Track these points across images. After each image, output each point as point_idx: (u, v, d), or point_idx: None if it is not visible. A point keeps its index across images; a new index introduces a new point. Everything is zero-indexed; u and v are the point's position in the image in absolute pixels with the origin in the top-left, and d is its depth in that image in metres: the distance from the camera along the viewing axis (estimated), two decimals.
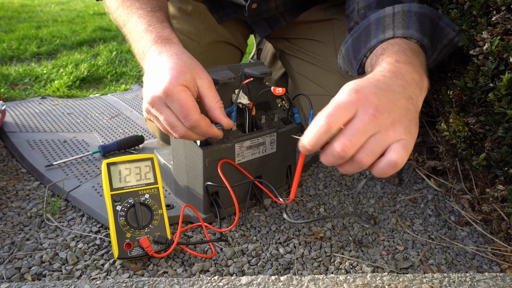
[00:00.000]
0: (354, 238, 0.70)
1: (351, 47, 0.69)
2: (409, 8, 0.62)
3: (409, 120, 0.49)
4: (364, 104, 0.47)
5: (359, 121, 0.46)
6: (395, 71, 0.52)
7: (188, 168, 0.70)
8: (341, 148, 0.45)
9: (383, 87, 0.49)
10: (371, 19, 0.66)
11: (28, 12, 3.25)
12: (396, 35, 0.60)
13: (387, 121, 0.47)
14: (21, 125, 1.12)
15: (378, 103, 0.47)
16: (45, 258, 0.62)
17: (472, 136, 0.65)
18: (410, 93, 0.51)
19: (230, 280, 0.53)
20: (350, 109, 0.46)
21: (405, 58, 0.55)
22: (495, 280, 0.53)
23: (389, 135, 0.47)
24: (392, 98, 0.49)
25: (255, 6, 0.87)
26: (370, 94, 0.47)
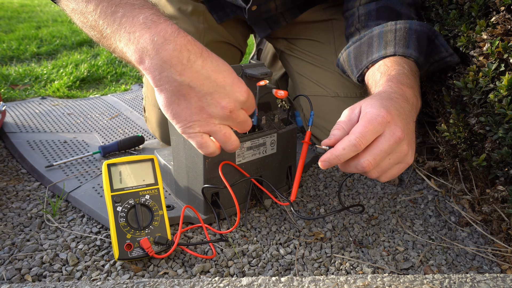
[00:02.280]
0: (354, 239, 0.70)
1: (353, 54, 0.71)
2: (410, 25, 0.67)
3: (413, 141, 0.55)
4: (391, 126, 0.51)
5: (386, 142, 0.51)
6: (402, 94, 0.57)
7: (188, 169, 0.70)
8: (366, 165, 0.51)
9: (401, 110, 0.54)
10: (374, 31, 0.70)
11: (28, 12, 3.25)
12: (397, 53, 0.65)
13: (404, 144, 0.52)
14: (21, 126, 1.12)
15: (402, 126, 0.52)
16: (46, 259, 0.62)
17: (472, 137, 0.65)
18: (413, 117, 0.57)
19: (231, 281, 0.53)
20: (379, 130, 0.51)
21: (408, 82, 0.60)
22: (496, 281, 0.53)
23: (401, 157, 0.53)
24: (407, 121, 0.54)
25: (255, 8, 0.87)
26: (396, 116, 0.52)
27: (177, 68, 0.47)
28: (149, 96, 0.98)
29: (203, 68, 0.48)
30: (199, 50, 0.49)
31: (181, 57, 0.47)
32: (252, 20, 0.95)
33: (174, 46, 0.47)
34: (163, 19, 0.50)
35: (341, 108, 0.60)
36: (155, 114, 0.96)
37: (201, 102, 0.49)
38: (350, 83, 0.89)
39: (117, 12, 0.50)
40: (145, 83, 1.01)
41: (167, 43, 0.47)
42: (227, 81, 0.49)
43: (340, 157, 0.51)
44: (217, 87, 0.49)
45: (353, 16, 0.77)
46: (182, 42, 0.48)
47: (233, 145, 0.54)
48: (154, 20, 0.49)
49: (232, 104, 0.50)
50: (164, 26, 0.48)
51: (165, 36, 0.47)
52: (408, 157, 0.53)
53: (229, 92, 0.49)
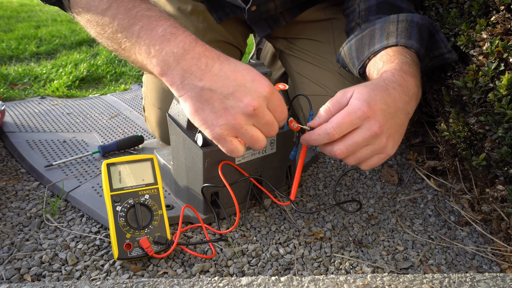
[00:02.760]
0: (354, 239, 0.70)
1: (354, 46, 0.71)
2: (412, 18, 0.67)
3: (400, 134, 0.57)
4: (370, 120, 0.53)
5: (361, 135, 0.53)
6: (403, 84, 0.57)
7: (188, 168, 0.70)
8: (338, 153, 0.54)
9: (390, 104, 0.55)
10: (376, 23, 0.70)
11: (27, 11, 3.24)
12: (399, 44, 0.65)
13: (383, 137, 0.54)
14: (21, 125, 1.12)
15: (383, 121, 0.53)
16: (45, 259, 0.62)
17: (472, 136, 0.65)
18: (409, 108, 0.58)
19: (230, 280, 0.53)
20: (357, 123, 0.53)
21: (411, 71, 0.60)
22: (495, 280, 0.53)
23: (379, 149, 0.55)
24: (394, 115, 0.55)
25: (255, 8, 0.87)
26: (379, 111, 0.53)
27: (196, 74, 0.50)
28: (149, 96, 0.98)
29: (221, 71, 0.50)
30: (216, 55, 0.51)
31: (199, 64, 0.50)
32: (251, 20, 0.95)
33: (192, 54, 0.50)
34: (181, 30, 0.52)
35: None
36: (155, 114, 0.96)
37: (224, 103, 0.50)
38: (350, 82, 0.89)
39: (134, 24, 0.52)
40: (144, 82, 1.01)
41: (186, 53, 0.50)
42: (246, 78, 0.50)
43: (315, 141, 0.55)
44: (237, 85, 0.49)
45: (353, 12, 0.78)
46: (200, 50, 0.50)
47: (260, 146, 0.54)
48: (173, 33, 0.51)
49: (256, 101, 0.49)
50: (183, 38, 0.51)
51: (184, 47, 0.50)
52: (388, 148, 0.55)
53: (251, 89, 0.50)
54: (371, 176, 0.92)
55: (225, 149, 0.53)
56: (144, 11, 0.53)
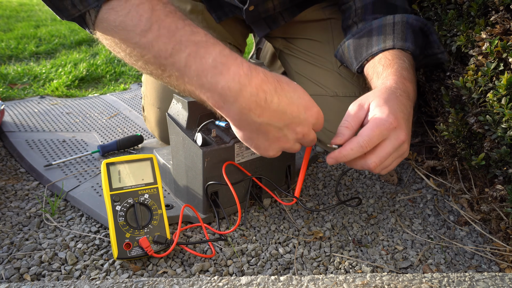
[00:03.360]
0: (353, 238, 0.70)
1: (352, 46, 0.72)
2: (407, 19, 0.70)
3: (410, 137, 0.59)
4: (397, 130, 0.55)
5: (391, 145, 0.55)
6: (405, 90, 0.61)
7: (187, 168, 0.70)
8: (373, 166, 0.55)
9: (404, 111, 0.58)
10: (373, 25, 0.72)
11: (27, 11, 3.24)
12: (396, 46, 0.68)
13: (405, 144, 0.57)
14: (20, 125, 1.12)
15: (407, 130, 0.57)
16: (44, 258, 0.62)
17: (471, 136, 0.65)
18: (412, 112, 0.61)
19: (230, 280, 0.53)
20: (386, 135, 0.55)
21: (409, 76, 0.64)
22: (494, 279, 0.53)
23: (401, 154, 0.58)
24: (408, 121, 0.58)
25: (252, 8, 0.87)
26: (402, 120, 0.56)
27: (256, 112, 0.49)
28: (148, 96, 0.98)
29: (279, 106, 0.50)
30: (273, 86, 0.50)
31: (258, 100, 0.48)
32: (250, 20, 0.95)
33: (250, 90, 0.48)
34: (232, 58, 0.49)
35: (340, 108, 0.61)
36: (154, 114, 0.96)
37: (278, 134, 0.53)
38: (349, 82, 0.89)
39: (181, 51, 0.48)
40: (144, 82, 1.01)
41: (244, 88, 0.47)
42: (300, 110, 0.52)
43: (347, 156, 0.55)
44: (292, 118, 0.52)
45: (349, 9, 0.79)
46: (257, 83, 0.48)
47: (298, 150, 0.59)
48: (224, 63, 0.48)
49: (306, 129, 0.54)
50: (236, 69, 0.48)
51: (240, 81, 0.47)
52: (407, 152, 0.59)
53: (303, 120, 0.53)
54: (371, 175, 0.92)
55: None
56: (189, 35, 0.49)
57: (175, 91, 0.54)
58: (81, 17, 0.52)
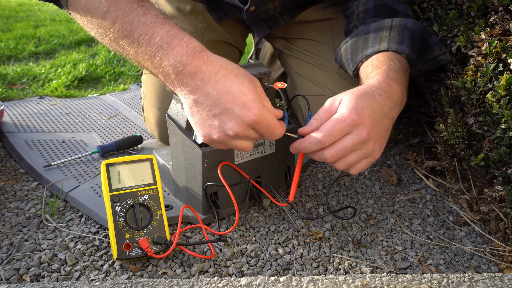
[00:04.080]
0: (353, 239, 0.70)
1: (350, 49, 0.73)
2: (405, 23, 0.70)
3: (384, 139, 0.60)
4: (359, 127, 0.55)
5: (350, 141, 0.55)
6: (388, 91, 0.60)
7: (187, 168, 0.70)
8: (329, 157, 0.56)
9: (377, 109, 0.57)
10: (371, 27, 0.72)
11: (26, 11, 3.24)
12: (390, 49, 0.68)
13: (370, 142, 0.56)
14: (19, 125, 1.12)
15: (371, 127, 0.56)
16: (44, 259, 0.62)
17: (471, 137, 0.65)
18: (393, 114, 0.61)
19: (230, 281, 0.53)
20: (346, 130, 0.55)
21: (397, 77, 0.63)
22: (494, 280, 0.53)
23: (367, 153, 0.57)
24: (380, 121, 0.58)
25: (253, 8, 0.87)
26: (367, 118, 0.56)
27: (191, 88, 0.52)
28: (148, 96, 0.98)
29: (214, 89, 0.51)
30: (215, 70, 0.52)
31: (195, 79, 0.52)
32: (250, 20, 0.95)
33: (189, 69, 0.51)
34: (178, 38, 0.52)
35: None
36: (154, 114, 0.96)
37: (211, 120, 0.53)
38: (348, 82, 0.89)
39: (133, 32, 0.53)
40: (143, 83, 1.01)
41: (184, 67, 0.51)
42: (236, 103, 0.51)
43: (306, 149, 0.57)
44: (225, 109, 0.52)
45: (352, 14, 0.79)
46: (197, 64, 0.51)
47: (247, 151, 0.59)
48: (169, 42, 0.52)
49: (239, 127, 0.52)
50: (180, 49, 0.51)
51: (182, 60, 0.51)
52: (375, 152, 0.58)
53: (237, 115, 0.52)
54: (370, 176, 0.92)
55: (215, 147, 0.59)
56: (140, 16, 0.53)
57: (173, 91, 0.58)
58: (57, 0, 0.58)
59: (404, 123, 1.00)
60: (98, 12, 0.54)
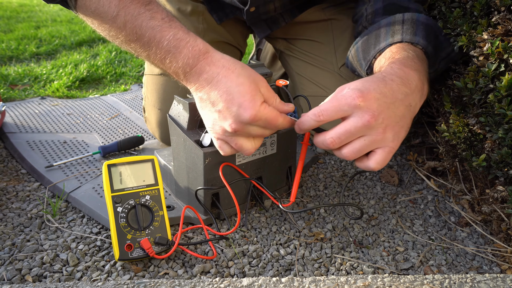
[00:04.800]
0: (354, 239, 0.70)
1: (361, 48, 0.71)
2: (417, 17, 0.67)
3: (401, 126, 0.54)
4: (362, 109, 0.51)
5: (352, 124, 0.52)
6: (403, 76, 0.56)
7: (188, 169, 0.70)
8: (330, 142, 0.53)
9: (387, 93, 0.53)
10: (382, 23, 0.69)
11: (27, 12, 3.24)
12: (404, 40, 0.64)
13: (379, 128, 0.52)
14: (21, 126, 1.12)
15: (376, 109, 0.52)
16: (46, 260, 0.62)
17: (472, 137, 0.65)
18: (410, 101, 0.56)
19: (231, 281, 0.53)
20: (346, 111, 0.52)
21: (413, 64, 0.59)
22: (496, 281, 0.53)
23: (377, 140, 0.53)
24: (391, 105, 0.53)
25: (253, 9, 0.87)
26: (372, 100, 0.52)
27: (197, 87, 0.57)
28: (149, 97, 0.98)
29: (216, 89, 0.54)
30: (218, 70, 0.55)
31: (200, 80, 0.55)
32: (251, 21, 0.95)
33: (195, 70, 0.55)
34: (184, 42, 0.55)
35: None
36: (155, 115, 0.96)
37: (212, 115, 0.56)
38: None
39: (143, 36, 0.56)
40: (144, 83, 1.01)
41: (190, 69, 0.56)
42: (234, 103, 0.53)
43: (303, 123, 0.55)
44: (224, 107, 0.54)
45: (361, 17, 0.78)
46: (202, 65, 0.55)
47: (246, 153, 0.59)
48: (177, 46, 0.55)
49: (236, 125, 0.54)
50: (186, 52, 0.55)
51: (188, 63, 0.55)
52: (388, 140, 0.52)
53: (235, 114, 0.53)
54: (371, 177, 0.92)
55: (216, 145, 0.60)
56: (148, 20, 0.56)
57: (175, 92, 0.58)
58: (63, 1, 0.60)
59: None
60: (108, 16, 0.56)
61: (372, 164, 0.54)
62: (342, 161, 0.98)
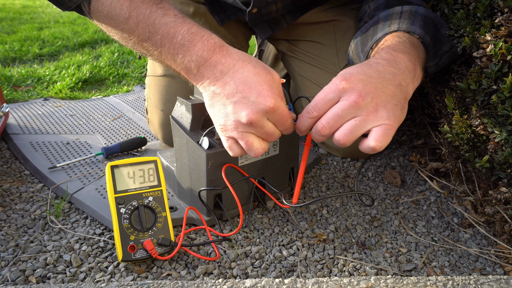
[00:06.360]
0: (357, 240, 0.70)
1: (360, 41, 0.71)
2: (416, 9, 0.67)
3: (394, 105, 0.54)
4: (348, 91, 0.52)
5: (340, 106, 0.52)
6: (389, 59, 0.56)
7: (191, 170, 0.70)
8: (321, 127, 0.52)
9: (372, 74, 0.54)
10: (380, 16, 0.70)
11: (30, 13, 3.26)
12: (400, 29, 0.64)
13: (369, 106, 0.52)
14: (24, 127, 1.12)
15: (362, 89, 0.52)
16: (50, 261, 0.62)
17: (475, 138, 0.65)
18: (400, 80, 0.55)
19: (234, 282, 0.53)
20: (333, 98, 0.52)
21: (402, 48, 0.59)
22: (499, 282, 0.53)
23: (370, 119, 0.52)
24: (379, 85, 0.53)
25: (256, 10, 0.87)
26: (356, 81, 0.52)
27: (211, 80, 0.54)
28: (152, 98, 0.98)
29: (232, 79, 0.53)
30: (233, 62, 0.54)
31: (215, 71, 0.54)
32: (253, 22, 0.95)
33: (210, 62, 0.54)
34: (199, 36, 0.54)
35: None
36: (158, 116, 0.97)
37: (227, 109, 0.54)
38: None
39: (156, 33, 0.55)
40: (147, 84, 1.02)
41: (204, 61, 0.54)
42: (252, 92, 0.52)
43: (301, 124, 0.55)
44: (242, 97, 0.52)
45: (365, 14, 0.78)
46: (217, 58, 0.54)
47: (255, 153, 0.56)
48: (191, 40, 0.54)
49: (253, 115, 0.52)
50: (201, 46, 0.54)
51: (203, 55, 0.54)
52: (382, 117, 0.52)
53: (253, 103, 0.52)
54: (374, 177, 0.92)
55: (224, 145, 0.58)
56: (161, 17, 0.55)
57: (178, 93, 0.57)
58: (78, 7, 0.60)
59: (408, 125, 1.00)
60: (120, 19, 0.56)
61: (372, 142, 0.52)
62: (345, 162, 0.98)
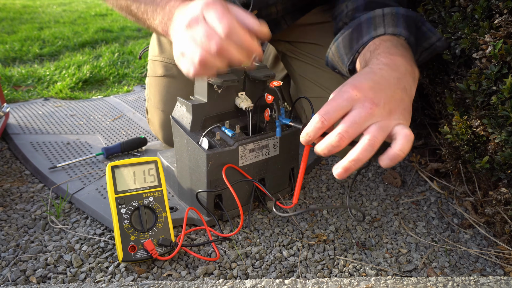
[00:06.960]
0: (357, 241, 0.70)
1: (342, 44, 0.71)
2: (397, 10, 0.67)
3: (403, 109, 0.54)
4: (361, 100, 0.51)
5: (356, 114, 0.51)
6: (390, 64, 0.57)
7: (191, 170, 0.70)
8: (339, 138, 0.50)
9: (380, 81, 0.54)
10: (362, 18, 0.70)
11: (30, 13, 3.26)
12: (387, 32, 0.65)
13: (383, 112, 0.51)
14: (25, 127, 1.12)
15: (374, 96, 0.52)
16: (50, 261, 0.62)
17: (475, 139, 0.65)
18: (404, 84, 0.56)
19: (235, 283, 0.53)
20: (345, 106, 0.51)
21: (397, 51, 0.60)
22: (499, 283, 0.53)
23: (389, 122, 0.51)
24: (388, 91, 0.53)
25: (256, 12, 0.87)
26: (367, 89, 0.52)
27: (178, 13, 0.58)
28: (152, 98, 0.98)
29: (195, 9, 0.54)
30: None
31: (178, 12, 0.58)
32: None
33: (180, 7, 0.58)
34: None
35: None
36: (158, 116, 0.97)
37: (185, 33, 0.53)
38: None
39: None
40: (147, 85, 1.02)
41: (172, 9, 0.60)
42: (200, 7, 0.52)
43: (310, 132, 0.53)
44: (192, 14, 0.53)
45: (341, 13, 0.78)
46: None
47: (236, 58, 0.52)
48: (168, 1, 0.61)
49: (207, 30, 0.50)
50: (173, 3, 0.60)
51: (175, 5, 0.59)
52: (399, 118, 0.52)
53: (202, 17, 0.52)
54: (374, 178, 0.92)
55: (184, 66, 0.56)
56: None
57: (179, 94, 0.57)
58: None
59: None
60: None
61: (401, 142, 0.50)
62: None
